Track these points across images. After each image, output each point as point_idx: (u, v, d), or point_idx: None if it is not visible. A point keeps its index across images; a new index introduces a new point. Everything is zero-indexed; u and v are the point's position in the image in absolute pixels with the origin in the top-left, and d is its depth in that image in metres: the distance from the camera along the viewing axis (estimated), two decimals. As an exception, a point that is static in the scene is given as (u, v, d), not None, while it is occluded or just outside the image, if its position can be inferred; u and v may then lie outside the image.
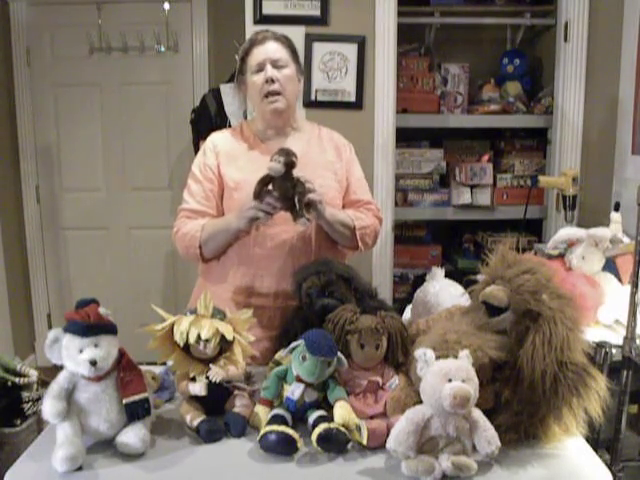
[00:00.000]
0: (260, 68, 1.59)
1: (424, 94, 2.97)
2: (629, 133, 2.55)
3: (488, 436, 1.02)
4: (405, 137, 2.89)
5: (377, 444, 1.09)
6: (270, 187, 1.43)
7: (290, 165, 1.39)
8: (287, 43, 1.64)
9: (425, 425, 1.03)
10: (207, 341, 1.16)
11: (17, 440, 2.02)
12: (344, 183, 1.70)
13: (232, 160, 1.63)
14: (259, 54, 1.59)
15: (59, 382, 1.09)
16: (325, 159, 1.68)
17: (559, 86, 2.73)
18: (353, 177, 1.73)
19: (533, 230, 3.00)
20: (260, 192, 1.42)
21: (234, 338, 1.20)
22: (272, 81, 1.57)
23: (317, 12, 2.53)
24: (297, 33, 2.48)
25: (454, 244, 3.35)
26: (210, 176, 1.63)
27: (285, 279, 1.53)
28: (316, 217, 1.50)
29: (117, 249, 3.60)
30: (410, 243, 3.18)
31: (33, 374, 2.15)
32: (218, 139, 1.69)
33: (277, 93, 1.58)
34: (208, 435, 1.13)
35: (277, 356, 1.34)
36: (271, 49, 1.60)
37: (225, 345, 1.21)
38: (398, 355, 1.23)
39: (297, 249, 1.59)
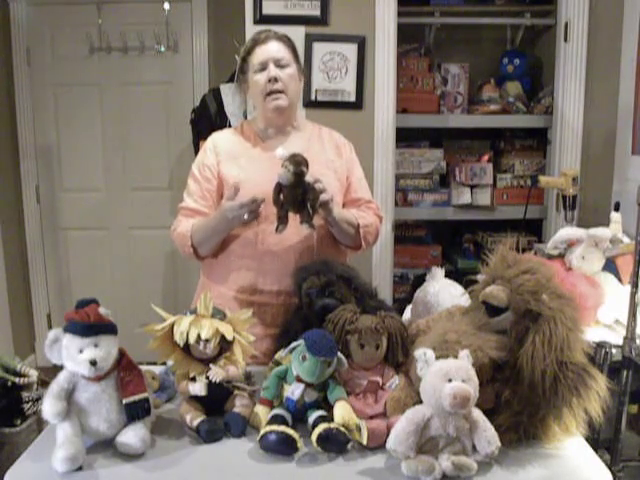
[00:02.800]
0: (263, 67, 1.59)
1: (424, 94, 2.97)
2: (629, 133, 2.55)
3: (488, 436, 1.02)
4: (405, 137, 2.89)
5: (377, 444, 1.09)
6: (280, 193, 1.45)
7: (300, 174, 1.40)
8: (289, 43, 1.65)
9: (425, 425, 1.03)
10: (207, 341, 1.16)
11: (17, 440, 2.02)
12: (344, 182, 1.71)
13: (233, 159, 1.64)
14: (262, 53, 1.60)
15: (59, 382, 1.09)
16: (325, 157, 1.69)
17: (559, 86, 2.73)
18: (354, 176, 1.73)
19: (533, 230, 3.00)
20: (278, 196, 1.44)
21: (234, 338, 1.20)
22: (275, 80, 1.58)
23: (317, 12, 2.53)
24: (297, 33, 2.48)
25: (454, 244, 3.35)
26: (208, 176, 1.64)
27: (288, 277, 1.54)
28: (325, 215, 1.51)
29: (117, 249, 3.60)
30: (410, 243, 3.18)
31: (33, 374, 2.16)
32: (219, 139, 1.70)
33: (280, 92, 1.59)
34: (208, 435, 1.13)
35: (277, 356, 1.34)
36: (274, 49, 1.61)
37: (225, 345, 1.21)
38: (398, 355, 1.23)
39: (299, 247, 1.59)
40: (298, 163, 1.40)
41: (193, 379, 1.18)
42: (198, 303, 1.21)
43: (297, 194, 1.42)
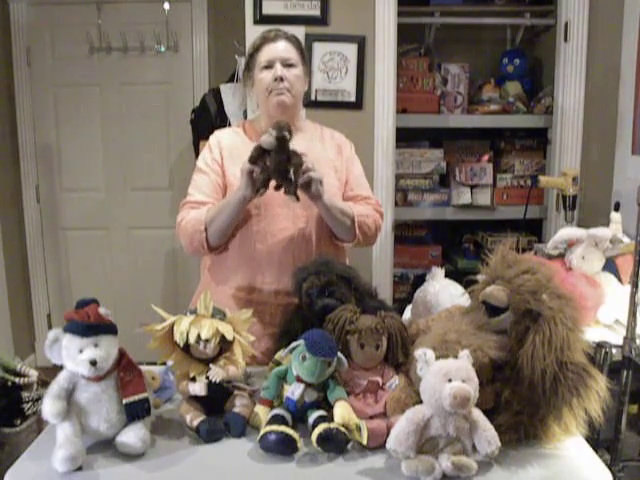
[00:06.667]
0: (269, 65, 1.59)
1: (424, 94, 2.97)
2: (629, 133, 2.55)
3: (488, 436, 1.02)
4: (405, 137, 2.89)
5: (377, 444, 1.09)
6: (266, 159, 1.41)
7: (282, 139, 1.38)
8: (297, 44, 1.65)
9: (425, 425, 1.03)
10: (207, 341, 1.16)
11: (17, 440, 2.02)
12: (344, 181, 1.71)
13: (235, 157, 1.63)
14: (270, 51, 1.60)
15: (59, 382, 1.09)
16: (326, 157, 1.69)
17: (559, 86, 2.73)
18: (352, 174, 1.73)
19: (533, 230, 3.00)
20: (256, 158, 1.41)
21: (234, 338, 1.20)
22: (281, 79, 1.58)
23: (317, 12, 2.53)
24: (297, 33, 2.42)
25: (454, 244, 3.35)
26: (217, 168, 1.63)
27: (286, 276, 1.53)
28: (315, 199, 1.49)
29: (117, 249, 3.60)
30: (410, 243, 3.18)
31: (33, 374, 2.16)
32: (222, 136, 1.70)
33: (285, 89, 1.59)
34: (208, 435, 1.13)
35: (277, 356, 1.34)
36: (282, 48, 1.61)
37: (225, 345, 1.21)
38: (398, 355, 1.23)
39: (298, 246, 1.60)
40: (281, 128, 1.38)
41: (193, 379, 1.18)
42: (198, 303, 1.21)
43: (281, 161, 1.40)
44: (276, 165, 1.40)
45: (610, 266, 1.79)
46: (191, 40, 3.40)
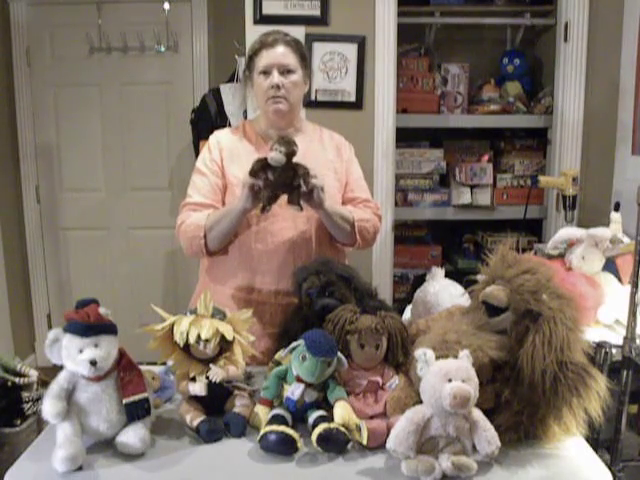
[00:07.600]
0: (267, 71, 1.58)
1: (424, 94, 2.97)
2: (629, 133, 2.55)
3: (488, 436, 1.02)
4: (405, 137, 2.89)
5: (377, 444, 1.09)
6: (269, 174, 1.42)
7: (291, 154, 1.39)
8: (297, 47, 1.63)
9: (425, 425, 1.03)
10: (207, 341, 1.16)
11: (17, 440, 2.02)
12: (344, 182, 1.71)
13: (235, 158, 1.64)
14: (268, 57, 1.59)
15: (59, 382, 1.09)
16: (326, 158, 1.69)
17: (559, 86, 2.73)
18: (351, 176, 1.73)
19: (533, 230, 3.00)
20: (257, 171, 1.41)
21: (234, 338, 1.20)
22: (278, 87, 1.57)
23: (317, 12, 2.53)
24: (297, 33, 2.44)
25: (454, 244, 3.35)
26: (216, 169, 1.63)
27: (286, 276, 1.54)
28: (316, 206, 1.49)
29: (117, 249, 3.60)
30: (410, 243, 3.18)
31: (33, 374, 2.16)
32: (221, 136, 1.70)
33: (281, 97, 1.59)
34: (208, 435, 1.13)
35: (277, 356, 1.34)
36: (280, 54, 1.59)
37: (225, 345, 1.21)
38: (398, 355, 1.23)
39: (298, 246, 1.60)
40: (289, 144, 1.39)
41: (193, 379, 1.18)
42: (198, 303, 1.21)
43: (288, 176, 1.40)
44: (284, 180, 1.40)
45: (610, 266, 1.79)
46: (191, 40, 3.40)
